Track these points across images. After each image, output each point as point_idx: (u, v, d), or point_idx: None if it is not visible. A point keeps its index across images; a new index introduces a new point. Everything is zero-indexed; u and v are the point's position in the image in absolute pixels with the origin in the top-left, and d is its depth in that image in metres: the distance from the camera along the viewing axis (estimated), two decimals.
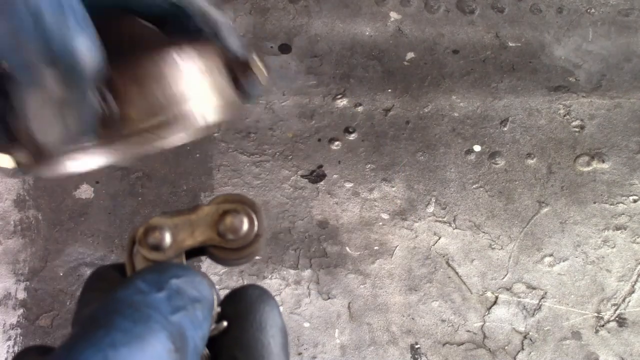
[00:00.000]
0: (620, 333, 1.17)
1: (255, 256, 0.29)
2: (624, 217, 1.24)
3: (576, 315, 1.18)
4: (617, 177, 1.27)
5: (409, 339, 1.16)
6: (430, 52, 1.36)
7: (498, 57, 1.36)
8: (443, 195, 1.25)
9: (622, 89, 1.34)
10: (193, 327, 0.23)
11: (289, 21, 1.37)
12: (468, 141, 1.29)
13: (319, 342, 1.16)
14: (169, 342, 0.21)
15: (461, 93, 1.33)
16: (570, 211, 1.25)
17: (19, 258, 1.20)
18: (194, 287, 0.24)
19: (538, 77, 1.34)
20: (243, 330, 0.28)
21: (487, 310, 1.18)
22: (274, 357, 0.28)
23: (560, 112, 1.32)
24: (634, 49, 1.37)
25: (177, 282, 0.23)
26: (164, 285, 0.22)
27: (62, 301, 1.18)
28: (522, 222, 1.24)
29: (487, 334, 1.17)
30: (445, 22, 1.38)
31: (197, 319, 0.23)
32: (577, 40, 1.38)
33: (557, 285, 1.20)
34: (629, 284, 1.20)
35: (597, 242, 1.23)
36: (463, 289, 1.20)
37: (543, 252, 1.22)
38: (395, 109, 1.31)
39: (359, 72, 1.33)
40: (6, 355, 1.15)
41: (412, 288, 1.19)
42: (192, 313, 0.23)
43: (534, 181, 1.27)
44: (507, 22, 1.38)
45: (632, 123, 1.31)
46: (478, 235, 1.23)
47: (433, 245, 1.22)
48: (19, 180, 1.24)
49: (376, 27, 1.37)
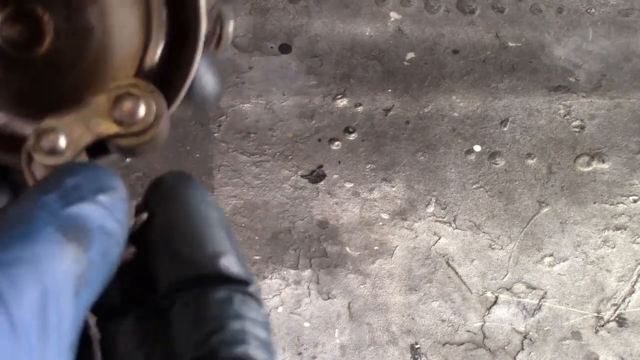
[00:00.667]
0: (620, 333, 1.17)
1: (160, 139, 0.27)
2: (624, 217, 1.24)
3: (576, 315, 1.18)
4: (617, 177, 1.27)
5: (408, 339, 1.16)
6: (430, 52, 1.36)
7: (498, 57, 1.36)
8: (443, 195, 1.25)
9: (622, 89, 1.34)
10: (99, 214, 0.22)
11: (289, 21, 1.37)
12: (468, 141, 1.29)
13: (319, 342, 1.16)
14: (58, 233, 0.20)
15: (461, 93, 1.33)
16: (570, 211, 1.25)
17: None
18: (95, 179, 0.23)
19: (538, 77, 1.34)
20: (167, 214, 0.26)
21: (487, 310, 1.18)
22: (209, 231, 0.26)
23: (560, 112, 1.32)
24: (634, 49, 1.37)
25: (73, 180, 0.23)
26: (55, 187, 0.22)
27: None
28: (522, 222, 1.24)
29: (487, 334, 1.17)
30: (445, 22, 1.38)
31: (103, 206, 0.22)
32: (577, 40, 1.38)
33: (557, 285, 1.20)
34: (629, 284, 1.20)
35: (597, 242, 1.23)
36: (463, 289, 1.20)
37: (543, 252, 1.22)
38: (395, 109, 1.31)
39: (359, 72, 1.33)
40: None
41: (412, 288, 1.19)
42: (93, 201, 0.22)
43: (534, 181, 1.27)
44: (507, 22, 1.38)
45: (632, 123, 1.31)
46: (478, 236, 1.23)
47: (433, 245, 1.22)
48: None
49: (376, 27, 1.37)
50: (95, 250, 0.22)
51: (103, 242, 0.22)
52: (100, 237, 0.22)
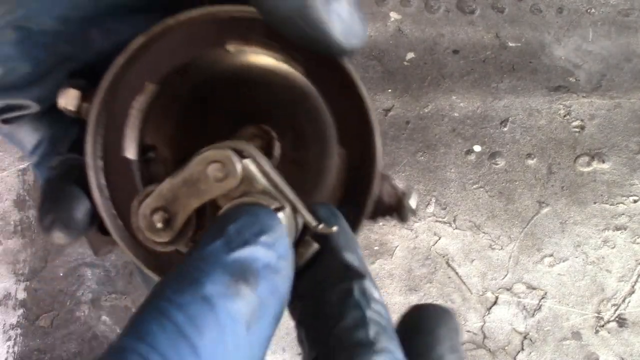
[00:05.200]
0: (620, 333, 1.17)
1: None
2: (624, 217, 1.24)
3: (576, 316, 1.18)
4: (617, 177, 1.27)
5: None
6: (430, 52, 1.36)
7: (498, 57, 1.36)
8: (443, 195, 1.25)
9: (622, 89, 1.34)
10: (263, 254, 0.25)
11: None
12: (468, 141, 1.29)
13: None
14: (226, 276, 0.23)
15: (461, 93, 1.33)
16: (571, 211, 1.25)
17: (19, 258, 1.20)
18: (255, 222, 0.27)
19: (538, 77, 1.34)
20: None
21: (487, 311, 1.18)
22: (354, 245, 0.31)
23: (560, 112, 1.32)
24: (634, 49, 1.37)
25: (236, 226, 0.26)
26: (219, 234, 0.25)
27: (62, 301, 1.18)
28: (522, 222, 1.24)
29: (487, 334, 1.17)
30: (445, 22, 1.38)
31: (266, 246, 0.25)
32: (577, 40, 1.38)
33: (557, 286, 1.20)
34: (629, 284, 1.20)
35: (597, 243, 1.23)
36: (463, 289, 1.20)
37: (543, 253, 1.22)
38: (395, 109, 1.31)
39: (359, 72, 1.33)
40: (6, 356, 1.15)
41: (412, 288, 1.19)
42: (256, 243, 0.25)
43: (534, 181, 1.27)
44: (507, 22, 1.38)
45: (632, 123, 1.31)
46: (478, 236, 1.23)
47: (433, 245, 1.22)
48: (19, 180, 1.24)
49: (376, 27, 1.37)
50: (264, 288, 0.24)
51: (271, 279, 0.25)
52: (267, 275, 0.25)
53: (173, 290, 0.22)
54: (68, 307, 1.17)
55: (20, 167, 1.24)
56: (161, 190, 0.29)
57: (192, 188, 0.29)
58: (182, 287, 0.23)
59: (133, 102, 0.33)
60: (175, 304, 0.22)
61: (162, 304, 0.22)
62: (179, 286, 0.23)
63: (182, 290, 0.23)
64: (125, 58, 0.32)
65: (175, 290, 0.22)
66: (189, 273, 0.24)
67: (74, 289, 1.18)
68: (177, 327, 0.21)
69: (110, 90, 0.33)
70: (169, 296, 0.22)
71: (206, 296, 0.22)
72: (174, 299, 0.22)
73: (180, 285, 0.23)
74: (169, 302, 0.22)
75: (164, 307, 0.22)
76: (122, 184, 0.35)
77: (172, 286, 0.23)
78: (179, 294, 0.22)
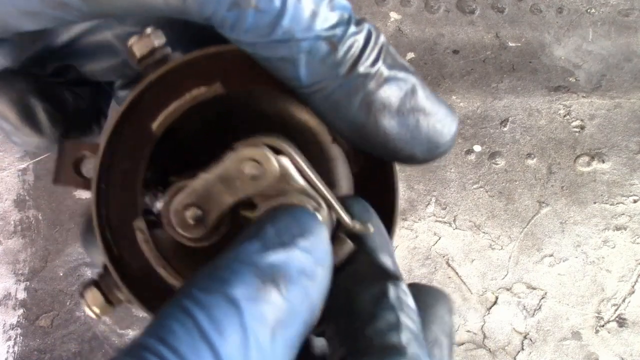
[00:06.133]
0: (620, 333, 1.17)
1: None
2: (624, 217, 1.24)
3: (576, 316, 1.18)
4: (617, 177, 1.27)
5: None
6: (430, 52, 1.36)
7: (498, 57, 1.36)
8: (443, 195, 1.25)
9: (622, 89, 1.34)
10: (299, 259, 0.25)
11: None
12: (468, 141, 1.29)
13: None
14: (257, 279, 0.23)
15: (461, 93, 1.33)
16: (571, 211, 1.25)
17: (19, 258, 1.20)
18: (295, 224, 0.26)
19: (538, 77, 1.34)
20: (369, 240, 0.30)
21: (487, 310, 1.18)
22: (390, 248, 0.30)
23: (560, 112, 1.32)
24: (634, 49, 1.37)
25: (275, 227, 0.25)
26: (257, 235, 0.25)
27: (62, 301, 1.18)
28: (522, 222, 1.24)
29: (487, 334, 1.17)
30: (445, 22, 1.38)
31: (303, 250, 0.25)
32: (577, 40, 1.38)
33: (557, 286, 1.20)
34: (629, 284, 1.20)
35: (597, 242, 1.23)
36: (463, 289, 1.20)
37: (543, 252, 1.22)
38: None
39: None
40: (6, 355, 1.15)
41: None
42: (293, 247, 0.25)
43: (534, 181, 1.27)
44: (507, 22, 1.38)
45: (632, 123, 1.31)
46: (478, 236, 1.23)
47: (433, 245, 1.22)
48: (19, 180, 1.24)
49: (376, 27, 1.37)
50: (295, 294, 0.24)
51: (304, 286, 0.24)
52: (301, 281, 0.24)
53: (200, 288, 0.22)
54: (68, 307, 1.17)
55: (20, 167, 1.24)
56: (194, 187, 0.29)
57: (227, 185, 0.29)
58: (209, 286, 0.22)
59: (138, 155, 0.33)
60: (200, 304, 0.21)
61: (187, 302, 0.21)
62: (207, 285, 0.22)
63: (209, 290, 0.22)
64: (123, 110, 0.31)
65: (202, 289, 0.22)
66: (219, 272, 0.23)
67: (74, 289, 1.18)
68: (199, 329, 0.21)
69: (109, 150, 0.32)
70: (195, 295, 0.22)
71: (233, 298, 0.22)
72: (199, 298, 0.22)
73: (208, 284, 0.22)
74: (195, 301, 0.21)
75: (189, 307, 0.21)
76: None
77: (200, 284, 0.22)
78: (205, 292, 0.22)
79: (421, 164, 0.32)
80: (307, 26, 0.27)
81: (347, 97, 0.28)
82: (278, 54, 0.27)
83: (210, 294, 0.22)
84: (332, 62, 0.27)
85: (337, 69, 0.27)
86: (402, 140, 0.29)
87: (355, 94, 0.28)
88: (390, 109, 0.28)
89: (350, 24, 0.28)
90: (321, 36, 0.27)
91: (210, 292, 0.22)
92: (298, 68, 0.27)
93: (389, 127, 0.28)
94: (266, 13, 0.26)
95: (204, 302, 0.21)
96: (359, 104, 0.28)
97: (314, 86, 0.28)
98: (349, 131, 0.29)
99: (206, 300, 0.22)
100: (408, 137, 0.29)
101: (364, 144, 0.29)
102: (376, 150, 0.29)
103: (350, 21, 0.28)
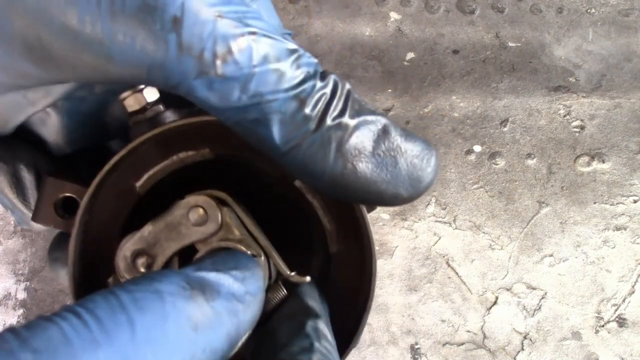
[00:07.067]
0: (620, 333, 1.17)
1: None
2: (624, 217, 1.24)
3: (576, 316, 1.18)
4: (617, 177, 1.27)
5: (409, 339, 1.16)
6: (430, 52, 1.36)
7: (498, 57, 1.36)
8: (443, 195, 1.25)
9: (622, 89, 1.34)
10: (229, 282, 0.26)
11: (289, 21, 1.37)
12: (468, 141, 1.29)
13: None
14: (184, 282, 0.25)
15: (461, 93, 1.33)
16: (571, 211, 1.25)
17: (19, 258, 1.20)
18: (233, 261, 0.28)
19: (538, 77, 1.34)
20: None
21: (487, 311, 1.18)
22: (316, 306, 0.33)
23: (560, 112, 1.32)
24: (634, 49, 1.37)
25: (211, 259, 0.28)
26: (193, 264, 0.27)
27: (62, 301, 1.18)
28: (522, 222, 1.24)
29: (487, 334, 1.17)
30: (445, 22, 1.38)
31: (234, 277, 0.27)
32: (577, 40, 1.38)
33: (557, 286, 1.20)
34: (629, 285, 1.20)
35: (597, 243, 1.23)
36: (463, 289, 1.20)
37: (543, 253, 1.22)
38: (395, 109, 1.31)
39: (359, 72, 1.33)
40: None
41: (412, 288, 1.19)
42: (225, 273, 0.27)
43: (534, 181, 1.27)
44: (507, 22, 1.38)
45: (632, 123, 1.31)
46: (478, 236, 1.23)
47: (433, 245, 1.22)
48: None
49: (376, 27, 1.37)
50: (221, 305, 0.25)
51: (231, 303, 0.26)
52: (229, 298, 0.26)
53: (131, 282, 0.24)
54: None
55: None
56: (143, 234, 0.30)
57: (173, 232, 0.30)
58: (140, 281, 0.24)
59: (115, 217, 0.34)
60: (127, 290, 0.23)
61: (116, 288, 0.23)
62: (138, 280, 0.24)
63: (137, 283, 0.24)
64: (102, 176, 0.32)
65: (132, 282, 0.23)
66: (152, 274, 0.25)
67: None
68: (120, 304, 0.22)
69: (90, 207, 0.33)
70: (124, 284, 0.23)
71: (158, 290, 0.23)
72: (128, 287, 0.23)
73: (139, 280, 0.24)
74: (123, 288, 0.23)
75: (116, 290, 0.23)
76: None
77: (132, 281, 0.24)
78: (134, 284, 0.23)
79: (407, 202, 0.32)
80: (274, 87, 0.27)
81: (321, 150, 0.28)
82: (248, 117, 0.27)
83: (138, 285, 0.23)
84: (301, 118, 0.27)
85: (307, 124, 0.28)
86: (383, 181, 0.29)
87: (328, 145, 0.28)
88: (365, 153, 0.28)
89: (316, 78, 0.28)
90: (289, 95, 0.27)
91: (139, 284, 0.23)
92: (270, 128, 0.28)
93: (367, 171, 0.29)
94: (233, 79, 0.26)
95: (131, 289, 0.23)
96: (334, 154, 0.28)
97: (288, 144, 0.28)
98: (329, 184, 0.29)
99: (133, 288, 0.23)
100: (389, 178, 0.29)
101: (346, 193, 0.30)
102: (359, 197, 0.30)
103: (316, 76, 0.28)
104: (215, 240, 0.31)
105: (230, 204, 0.31)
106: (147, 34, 0.25)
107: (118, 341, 0.21)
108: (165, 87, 0.27)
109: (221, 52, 0.26)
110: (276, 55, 0.27)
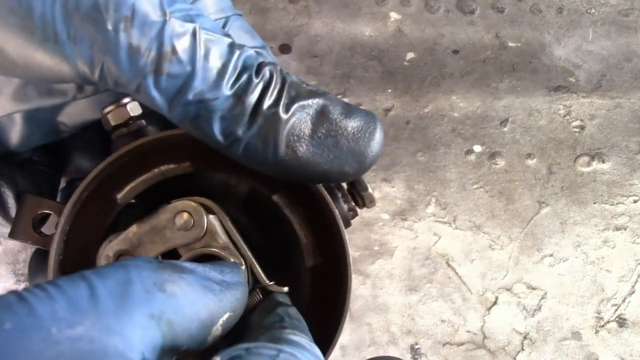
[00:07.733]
0: (620, 333, 1.17)
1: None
2: (624, 217, 1.24)
3: (576, 316, 1.18)
4: (617, 177, 1.27)
5: (409, 339, 1.16)
6: (430, 52, 1.36)
7: (498, 57, 1.36)
8: (443, 195, 1.25)
9: (622, 89, 1.34)
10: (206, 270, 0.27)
11: (289, 21, 1.37)
12: (468, 141, 1.29)
13: None
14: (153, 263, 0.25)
15: (461, 93, 1.33)
16: (571, 211, 1.25)
17: (19, 258, 1.20)
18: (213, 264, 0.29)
19: (538, 77, 1.34)
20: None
21: (487, 311, 1.18)
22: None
23: (560, 112, 1.32)
24: (634, 49, 1.37)
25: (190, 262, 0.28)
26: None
27: None
28: (522, 222, 1.24)
29: (487, 334, 1.17)
30: (445, 22, 1.38)
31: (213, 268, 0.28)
32: (577, 40, 1.38)
33: (557, 286, 1.20)
34: (629, 285, 1.20)
35: (597, 243, 1.23)
36: (463, 289, 1.20)
37: (543, 253, 1.22)
38: (395, 109, 1.31)
39: (359, 72, 1.33)
40: None
41: (412, 288, 1.19)
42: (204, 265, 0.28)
43: (534, 181, 1.27)
44: (507, 22, 1.38)
45: (632, 123, 1.31)
46: (478, 236, 1.23)
47: (433, 245, 1.22)
48: None
49: (376, 27, 1.37)
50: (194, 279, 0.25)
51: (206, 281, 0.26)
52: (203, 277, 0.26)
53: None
54: None
55: None
56: (127, 235, 0.30)
57: (158, 235, 0.30)
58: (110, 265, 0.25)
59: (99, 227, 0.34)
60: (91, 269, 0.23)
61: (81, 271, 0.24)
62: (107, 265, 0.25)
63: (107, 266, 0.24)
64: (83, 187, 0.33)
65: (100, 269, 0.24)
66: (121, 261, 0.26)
67: None
68: (81, 275, 0.23)
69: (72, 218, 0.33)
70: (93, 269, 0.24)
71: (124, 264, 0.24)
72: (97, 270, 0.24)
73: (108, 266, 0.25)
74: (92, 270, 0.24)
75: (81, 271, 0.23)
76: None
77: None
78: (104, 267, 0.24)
79: (358, 177, 0.33)
80: (214, 84, 0.28)
81: (261, 140, 0.29)
82: (191, 114, 0.29)
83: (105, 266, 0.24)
84: (239, 113, 0.29)
85: (244, 118, 0.29)
86: (327, 162, 0.30)
87: (267, 135, 0.29)
88: (304, 137, 0.29)
89: (252, 72, 0.29)
90: (227, 91, 0.29)
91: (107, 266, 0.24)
92: (211, 124, 0.29)
93: (309, 154, 0.29)
94: (178, 77, 0.27)
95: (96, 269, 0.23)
96: (274, 143, 0.29)
97: (229, 138, 0.29)
98: (276, 171, 0.30)
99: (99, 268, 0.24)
100: (331, 157, 0.30)
101: (295, 176, 0.30)
102: (308, 178, 0.31)
103: (252, 69, 0.29)
104: (199, 246, 0.31)
105: (216, 211, 0.32)
106: (100, 34, 0.26)
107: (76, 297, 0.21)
108: (115, 86, 0.28)
109: (167, 51, 0.27)
110: (216, 53, 0.28)
